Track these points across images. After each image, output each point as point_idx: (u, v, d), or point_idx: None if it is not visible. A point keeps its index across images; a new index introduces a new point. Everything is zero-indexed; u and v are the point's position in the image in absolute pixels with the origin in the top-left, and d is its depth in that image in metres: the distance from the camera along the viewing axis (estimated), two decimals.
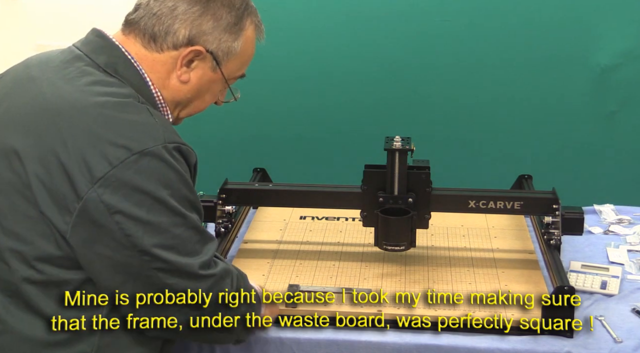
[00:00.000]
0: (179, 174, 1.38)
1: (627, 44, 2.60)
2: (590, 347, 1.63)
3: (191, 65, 1.48)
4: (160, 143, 1.36)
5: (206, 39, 1.47)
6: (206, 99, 1.55)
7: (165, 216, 1.35)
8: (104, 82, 1.42)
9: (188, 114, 1.56)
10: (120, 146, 1.33)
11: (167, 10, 1.46)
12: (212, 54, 1.48)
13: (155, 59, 1.46)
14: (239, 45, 1.50)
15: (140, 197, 1.33)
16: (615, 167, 2.72)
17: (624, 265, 1.95)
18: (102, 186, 1.31)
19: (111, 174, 1.31)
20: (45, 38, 2.72)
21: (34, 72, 1.47)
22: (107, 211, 1.31)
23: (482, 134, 2.74)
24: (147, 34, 1.46)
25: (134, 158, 1.33)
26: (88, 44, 1.48)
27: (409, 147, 1.83)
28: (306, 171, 2.79)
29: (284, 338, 1.67)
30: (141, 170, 1.33)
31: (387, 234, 1.86)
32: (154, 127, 1.38)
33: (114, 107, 1.38)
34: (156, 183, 1.34)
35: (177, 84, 1.49)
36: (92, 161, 1.32)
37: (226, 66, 1.51)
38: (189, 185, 1.41)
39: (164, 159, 1.35)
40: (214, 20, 1.47)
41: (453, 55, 2.67)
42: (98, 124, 1.35)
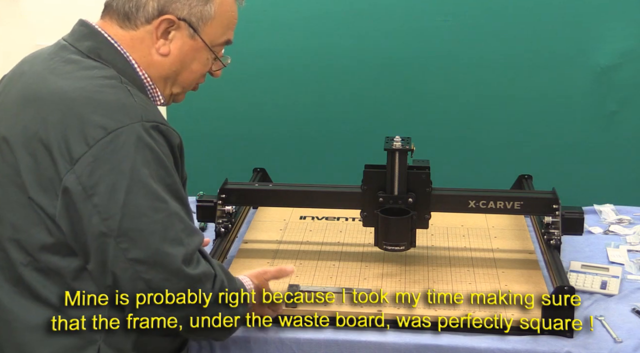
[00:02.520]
0: (156, 155, 1.35)
1: (627, 44, 2.60)
2: (590, 347, 1.63)
3: (168, 36, 1.47)
4: (137, 120, 1.34)
5: (175, 7, 1.46)
6: (193, 68, 1.52)
7: (143, 198, 1.32)
8: (87, 67, 1.43)
9: (182, 89, 1.54)
10: (97, 126, 1.33)
11: None
12: (186, 21, 1.47)
13: (133, 37, 1.46)
14: (212, 9, 1.48)
15: (117, 178, 1.31)
16: (615, 167, 2.71)
17: (624, 265, 1.95)
18: (80, 167, 1.31)
19: (88, 153, 1.31)
20: (45, 38, 2.71)
21: (25, 67, 1.50)
22: (84, 193, 1.31)
23: (482, 134, 2.74)
24: (120, 13, 1.47)
25: (110, 137, 1.32)
26: (73, 33, 1.51)
27: (409, 147, 1.83)
28: (306, 171, 2.79)
29: (284, 338, 1.67)
30: (117, 149, 1.32)
31: (387, 234, 1.86)
32: (131, 106, 1.37)
33: (93, 88, 1.38)
34: (133, 163, 1.32)
35: (158, 58, 1.48)
36: (72, 142, 1.32)
37: (205, 32, 1.49)
38: (168, 169, 1.37)
39: (141, 137, 1.33)
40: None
41: (453, 55, 2.67)
42: (77, 106, 1.36)
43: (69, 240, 1.35)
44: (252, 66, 2.75)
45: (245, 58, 2.74)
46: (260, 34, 2.73)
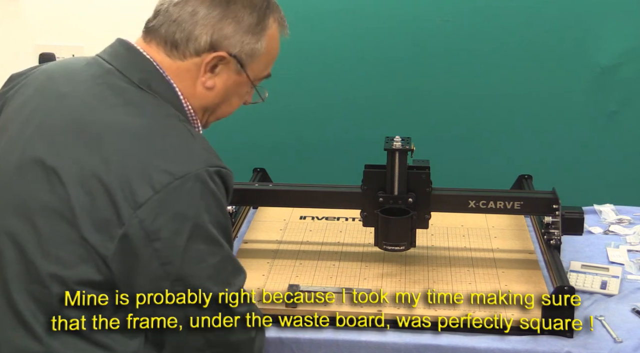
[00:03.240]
0: (217, 200, 1.35)
1: (627, 44, 2.60)
2: (590, 347, 1.63)
3: (215, 70, 1.44)
4: (203, 166, 1.33)
5: (229, 43, 1.42)
6: (233, 102, 1.51)
7: (203, 244, 1.33)
8: (141, 101, 1.38)
9: (216, 118, 1.53)
10: (163, 171, 1.30)
11: (187, 15, 1.41)
12: (236, 58, 1.43)
13: (179, 67, 1.42)
14: (262, 46, 1.46)
15: (181, 224, 1.30)
16: (615, 167, 2.71)
17: (624, 265, 1.95)
18: (144, 212, 1.28)
19: (154, 199, 1.28)
20: (45, 38, 2.72)
21: (63, 87, 1.42)
22: (146, 238, 1.29)
23: (482, 134, 2.74)
24: (168, 41, 1.42)
25: (177, 183, 1.30)
26: (117, 57, 1.44)
27: (409, 147, 1.83)
28: (306, 171, 2.79)
29: (284, 338, 1.67)
30: (183, 195, 1.30)
31: (387, 234, 1.86)
32: (195, 149, 1.36)
33: (155, 129, 1.35)
34: (197, 209, 1.31)
35: (202, 90, 1.44)
36: (135, 186, 1.29)
37: (251, 68, 1.46)
38: (225, 212, 1.38)
39: (206, 184, 1.32)
40: (235, 23, 1.42)
41: (453, 55, 2.67)
42: (140, 148, 1.32)
43: (117, 280, 1.32)
44: None
45: None
46: None
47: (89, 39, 2.69)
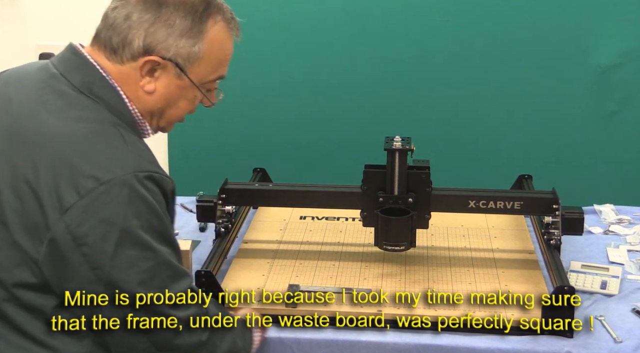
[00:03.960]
0: (149, 204, 1.33)
1: (627, 44, 2.60)
2: (590, 347, 1.63)
3: (154, 74, 1.43)
4: (130, 171, 1.32)
5: (162, 47, 1.41)
6: (180, 105, 1.49)
7: (133, 249, 1.32)
8: (79, 106, 1.39)
9: (167, 122, 1.51)
10: (88, 176, 1.30)
11: (121, 20, 1.41)
12: (172, 61, 1.42)
13: (121, 72, 1.42)
14: (200, 49, 1.43)
15: (108, 229, 1.30)
16: (615, 167, 2.72)
17: (624, 265, 1.95)
18: (70, 216, 1.29)
19: (79, 204, 1.29)
20: (45, 38, 2.72)
21: (12, 91, 1.44)
22: (73, 242, 1.29)
23: (482, 134, 2.74)
24: (107, 46, 1.43)
25: (102, 188, 1.29)
26: (64, 61, 1.45)
27: (409, 147, 1.83)
28: (306, 171, 2.79)
29: (284, 338, 1.67)
30: (109, 200, 1.30)
31: (387, 234, 1.86)
32: (125, 155, 1.35)
33: (86, 135, 1.35)
34: (124, 214, 1.30)
35: (143, 95, 1.44)
36: (62, 191, 1.29)
37: (192, 71, 1.44)
38: (160, 216, 1.36)
39: (134, 188, 1.31)
40: (167, 26, 1.41)
41: (453, 55, 2.68)
42: (69, 153, 1.32)
43: (51, 283, 1.33)
44: (252, 66, 2.75)
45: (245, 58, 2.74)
46: (261, 34, 2.74)
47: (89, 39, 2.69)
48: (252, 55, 2.73)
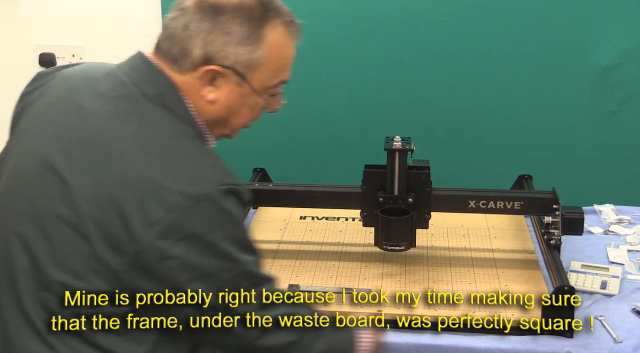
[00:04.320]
0: (231, 217, 1.35)
1: (627, 44, 2.60)
2: (590, 347, 1.63)
3: (215, 83, 1.42)
4: (214, 185, 1.33)
5: (221, 56, 1.39)
6: (243, 113, 1.49)
7: (217, 260, 1.34)
8: (156, 118, 1.38)
9: (231, 131, 1.52)
10: (174, 191, 1.31)
11: (180, 30, 1.40)
12: (231, 70, 1.41)
13: (183, 81, 1.41)
14: (261, 55, 1.42)
15: (193, 242, 1.31)
16: (615, 167, 2.71)
17: (624, 265, 1.95)
18: (156, 231, 1.29)
19: (166, 219, 1.29)
20: (45, 38, 2.72)
21: (82, 99, 1.42)
22: (159, 256, 1.30)
23: (482, 134, 2.74)
24: (168, 56, 1.42)
25: (188, 203, 1.30)
26: (136, 70, 1.43)
27: (409, 147, 1.83)
28: (306, 171, 2.79)
29: None
30: (194, 214, 1.31)
31: (387, 234, 1.86)
32: (207, 168, 1.37)
33: (168, 149, 1.36)
34: (209, 227, 1.32)
35: (206, 104, 1.43)
36: (148, 206, 1.30)
37: (254, 78, 1.43)
38: (242, 227, 1.39)
39: (217, 202, 1.33)
40: (224, 35, 1.39)
41: (453, 55, 2.67)
42: (154, 169, 1.33)
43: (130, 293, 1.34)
44: None
45: None
46: None
47: (89, 39, 2.69)
48: None
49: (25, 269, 1.36)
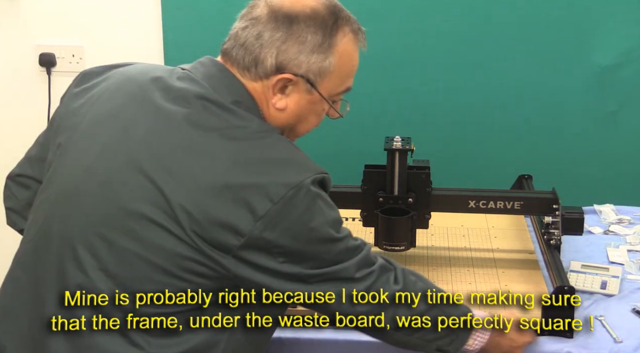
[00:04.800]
0: (326, 201, 1.40)
1: (627, 44, 2.60)
2: (590, 347, 1.63)
3: (285, 91, 1.44)
4: (311, 175, 1.37)
5: (294, 64, 1.42)
6: (310, 120, 1.51)
7: (320, 244, 1.39)
8: (241, 122, 1.40)
9: (296, 137, 1.53)
10: (278, 183, 1.34)
11: (252, 39, 1.42)
12: (304, 78, 1.43)
13: (254, 89, 1.44)
14: (331, 63, 1.44)
15: (298, 229, 1.35)
16: (615, 167, 2.71)
17: (624, 265, 1.95)
18: (263, 223, 1.33)
19: (273, 210, 1.33)
20: (45, 38, 2.72)
21: (160, 102, 1.42)
22: (267, 245, 1.34)
23: (482, 134, 2.74)
24: (240, 64, 1.43)
25: (291, 193, 1.34)
26: (211, 77, 1.44)
27: (409, 147, 1.83)
28: None
29: (284, 338, 1.67)
30: (298, 203, 1.35)
31: (387, 234, 1.86)
32: (301, 159, 1.40)
33: (264, 143, 1.39)
34: (311, 213, 1.36)
35: (275, 112, 1.45)
36: (253, 200, 1.33)
37: (323, 85, 1.46)
38: (335, 209, 1.43)
39: (315, 190, 1.37)
40: (299, 43, 1.41)
41: (453, 55, 2.67)
42: (253, 165, 1.36)
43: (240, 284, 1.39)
44: None
45: None
46: None
47: (89, 39, 2.69)
48: None
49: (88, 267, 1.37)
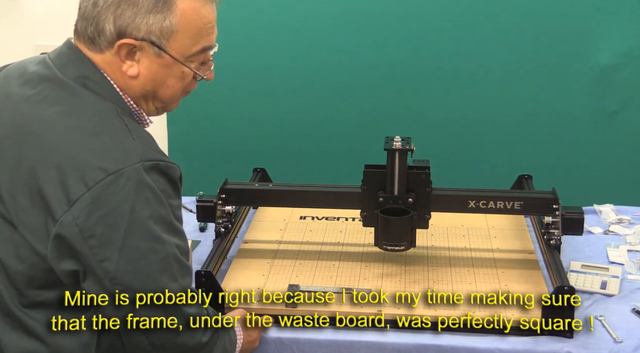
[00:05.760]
0: (156, 194, 1.32)
1: (627, 44, 2.60)
2: (590, 347, 1.63)
3: (134, 57, 1.40)
4: (137, 161, 1.30)
5: (132, 28, 1.37)
6: (170, 83, 1.44)
7: (142, 241, 1.31)
8: (79, 98, 1.37)
9: (163, 103, 1.47)
10: (96, 167, 1.29)
11: (90, 7, 1.39)
12: (146, 41, 1.38)
13: (103, 61, 1.40)
14: (172, 22, 1.38)
15: (116, 220, 1.28)
16: (615, 167, 2.72)
17: (624, 265, 1.95)
18: (77, 208, 1.27)
19: (87, 195, 1.27)
20: (45, 38, 2.72)
21: (11, 88, 1.42)
22: (80, 234, 1.28)
23: (482, 134, 2.74)
24: (85, 37, 1.41)
25: (110, 179, 1.28)
26: (60, 56, 1.43)
27: (409, 147, 1.83)
28: (306, 171, 2.79)
29: (284, 338, 1.67)
30: (117, 190, 1.28)
31: (387, 234, 1.86)
32: (130, 144, 1.33)
33: (91, 127, 1.34)
34: (132, 204, 1.29)
35: (128, 80, 1.41)
36: (69, 184, 1.28)
37: (171, 47, 1.39)
38: (166, 206, 1.34)
39: (141, 178, 1.30)
40: (132, 6, 1.37)
41: (453, 55, 2.68)
42: (75, 147, 1.32)
43: (60, 276, 1.33)
44: (252, 66, 2.76)
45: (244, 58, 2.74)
46: (261, 34, 2.74)
47: None
48: (252, 56, 2.73)
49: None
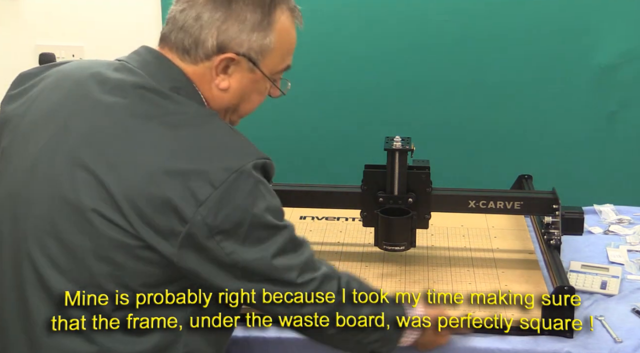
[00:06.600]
0: (267, 187, 1.39)
1: (627, 44, 2.60)
2: (590, 347, 1.63)
3: (228, 71, 1.44)
4: (252, 160, 1.37)
5: (235, 43, 1.42)
6: (253, 99, 1.51)
7: (263, 230, 1.37)
8: (179, 108, 1.40)
9: (239, 117, 1.54)
10: (219, 168, 1.34)
11: (191, 21, 1.42)
12: (245, 56, 1.43)
13: (195, 72, 1.44)
14: (272, 41, 1.44)
15: (240, 215, 1.34)
16: (615, 167, 2.71)
17: (624, 265, 1.95)
18: (205, 208, 1.32)
19: (214, 195, 1.33)
20: (45, 38, 2.72)
21: (98, 96, 1.42)
22: (209, 232, 1.33)
23: (482, 134, 2.74)
24: (179, 48, 1.43)
25: (232, 177, 1.34)
26: (147, 65, 1.45)
27: (409, 147, 1.83)
28: (306, 171, 2.79)
29: (284, 338, 1.67)
30: (239, 188, 1.34)
31: (387, 234, 1.86)
32: (242, 143, 1.40)
33: (203, 129, 1.39)
34: (253, 199, 1.35)
35: (218, 93, 1.45)
36: (195, 186, 1.32)
37: (264, 63, 1.46)
38: (276, 196, 1.42)
39: (256, 175, 1.37)
40: (238, 22, 1.42)
41: (453, 54, 2.67)
42: (193, 150, 1.36)
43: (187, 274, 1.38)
44: None
45: None
46: None
47: (89, 39, 2.69)
48: None
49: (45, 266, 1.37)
